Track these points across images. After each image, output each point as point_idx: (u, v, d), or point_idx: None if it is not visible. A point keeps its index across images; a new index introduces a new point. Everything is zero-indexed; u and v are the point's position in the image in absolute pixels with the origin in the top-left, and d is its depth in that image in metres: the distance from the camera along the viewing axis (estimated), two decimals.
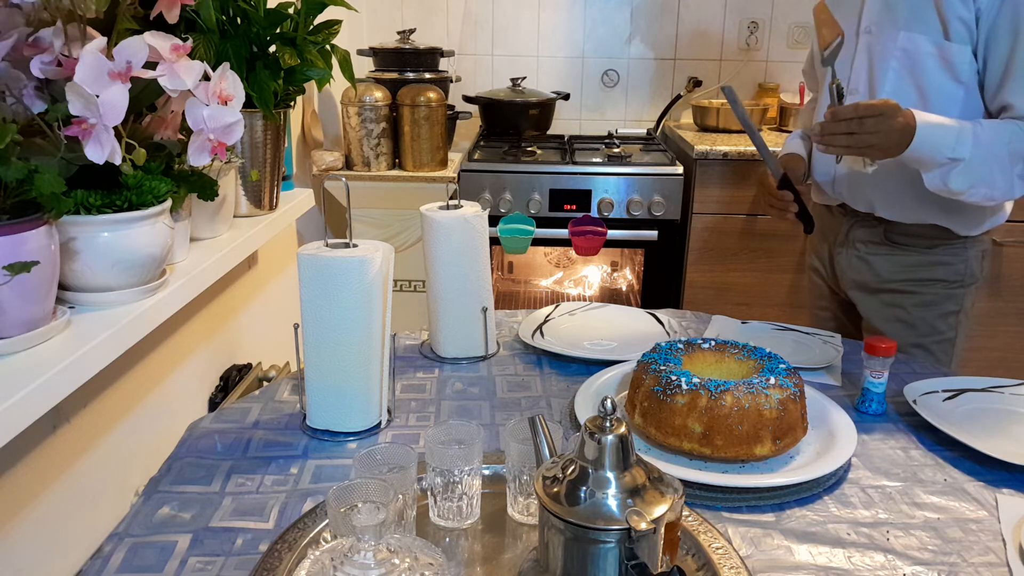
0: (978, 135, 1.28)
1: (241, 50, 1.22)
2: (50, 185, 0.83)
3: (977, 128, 1.29)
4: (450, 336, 1.28)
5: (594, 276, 2.93)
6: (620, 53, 2.93)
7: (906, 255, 1.48)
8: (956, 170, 1.28)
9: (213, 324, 1.55)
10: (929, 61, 1.34)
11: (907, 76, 1.37)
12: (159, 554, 0.81)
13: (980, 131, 1.29)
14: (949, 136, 1.27)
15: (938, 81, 1.35)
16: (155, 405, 1.31)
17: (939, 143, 1.27)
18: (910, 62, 1.36)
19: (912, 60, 1.36)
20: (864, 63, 1.42)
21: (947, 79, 1.34)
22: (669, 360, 1.02)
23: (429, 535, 0.85)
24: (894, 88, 1.38)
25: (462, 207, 1.25)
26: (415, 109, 2.31)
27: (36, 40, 0.92)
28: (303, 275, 1.00)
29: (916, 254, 1.47)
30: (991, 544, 0.85)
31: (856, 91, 1.43)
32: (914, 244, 1.47)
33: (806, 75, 1.72)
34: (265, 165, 1.40)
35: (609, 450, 0.68)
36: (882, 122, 1.25)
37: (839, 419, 1.04)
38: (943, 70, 1.34)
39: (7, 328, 0.84)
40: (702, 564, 0.79)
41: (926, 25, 1.33)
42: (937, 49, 1.33)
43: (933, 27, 1.33)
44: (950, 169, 1.28)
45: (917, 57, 1.35)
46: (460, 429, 0.89)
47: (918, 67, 1.35)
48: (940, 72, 1.34)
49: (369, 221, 2.36)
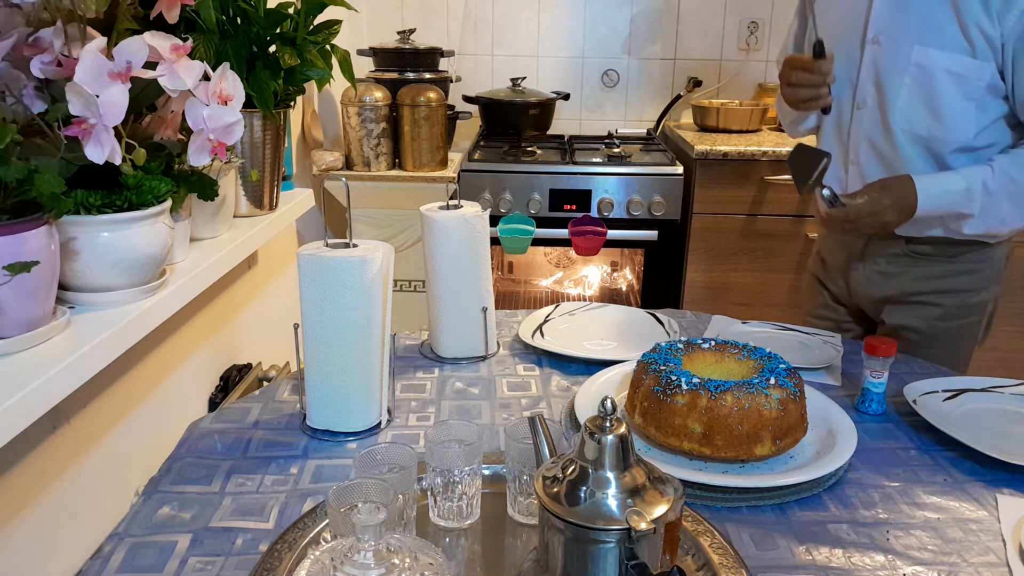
0: (987, 185, 1.27)
1: (241, 50, 1.22)
2: (50, 185, 0.83)
3: (987, 177, 1.27)
4: (450, 336, 1.28)
5: (594, 276, 2.93)
6: (620, 53, 2.93)
7: (929, 265, 1.42)
8: (967, 222, 1.31)
9: (213, 324, 1.55)
10: (944, 78, 1.27)
11: (920, 93, 1.30)
12: (159, 554, 0.81)
13: (990, 179, 1.27)
14: (956, 198, 1.28)
15: (951, 99, 1.28)
16: (155, 405, 1.31)
17: (945, 207, 1.29)
18: (925, 78, 1.28)
19: (927, 76, 1.28)
20: (870, 76, 1.35)
21: (960, 97, 1.27)
22: (669, 360, 1.02)
23: (429, 535, 0.85)
24: (906, 106, 1.31)
25: (462, 207, 1.25)
26: (415, 109, 2.31)
27: (36, 40, 0.92)
28: (303, 275, 1.00)
29: (940, 263, 1.41)
30: (991, 544, 0.85)
31: (864, 104, 1.37)
32: (938, 255, 1.41)
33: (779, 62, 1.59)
34: (265, 165, 1.40)
35: (609, 450, 0.68)
36: (876, 219, 1.28)
37: (839, 419, 1.04)
38: (957, 87, 1.27)
39: (7, 328, 0.84)
40: (702, 564, 0.79)
41: (943, 38, 1.26)
42: (954, 64, 1.26)
43: (952, 41, 1.25)
44: (961, 224, 1.31)
45: (932, 73, 1.27)
46: (460, 429, 0.89)
47: (932, 84, 1.28)
48: (954, 90, 1.27)
49: (369, 221, 2.36)
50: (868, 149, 1.39)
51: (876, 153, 1.38)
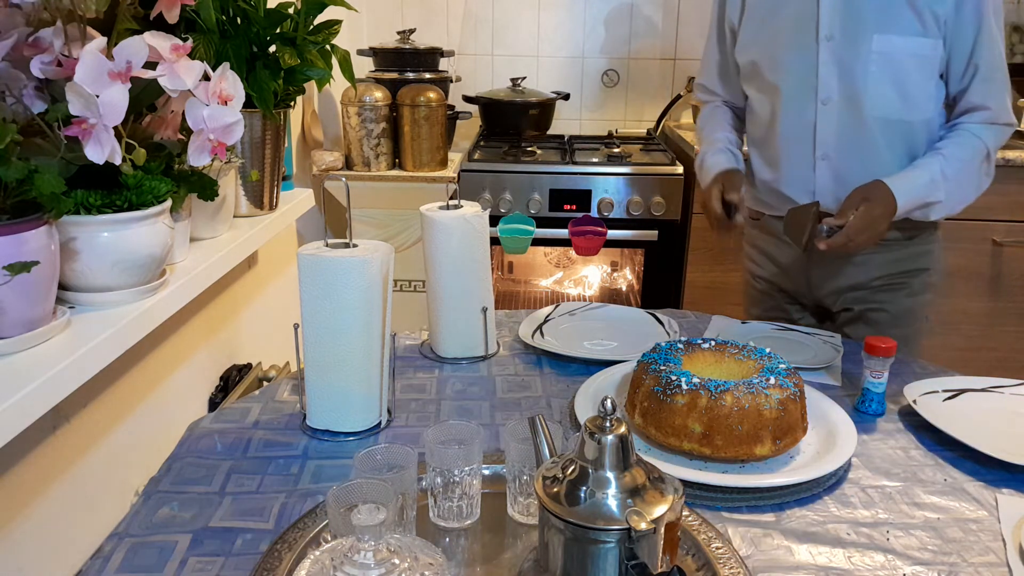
0: (946, 172, 1.35)
1: (241, 50, 1.22)
2: (50, 185, 0.83)
3: (944, 166, 1.35)
4: (450, 336, 1.28)
5: (594, 276, 2.93)
6: (620, 53, 2.93)
7: (895, 249, 1.47)
8: (934, 208, 1.38)
9: (213, 324, 1.55)
10: (908, 61, 1.33)
11: (887, 79, 1.35)
12: (159, 554, 0.81)
13: (948, 166, 1.35)
14: (925, 190, 1.35)
15: (917, 79, 1.35)
16: (155, 405, 1.31)
17: (919, 201, 1.35)
18: (889, 64, 1.34)
19: (890, 62, 1.34)
20: (832, 71, 1.37)
21: (926, 76, 1.35)
22: (669, 360, 1.02)
23: (429, 535, 0.85)
24: (876, 93, 1.36)
25: (462, 207, 1.25)
26: (415, 109, 2.31)
27: (36, 40, 0.92)
28: (303, 275, 1.00)
29: (903, 246, 1.47)
30: (991, 544, 0.85)
31: (830, 99, 1.39)
32: (901, 238, 1.46)
33: (702, 88, 1.65)
34: (265, 165, 1.40)
35: (609, 450, 0.68)
36: (873, 231, 1.31)
37: (839, 419, 1.04)
38: (921, 68, 1.34)
39: (7, 328, 0.84)
40: (702, 564, 0.79)
41: (900, 23, 1.32)
42: (915, 46, 1.32)
43: (908, 24, 1.31)
44: (930, 211, 1.39)
45: (895, 57, 1.33)
46: (460, 429, 0.89)
47: (898, 68, 1.34)
48: (919, 70, 1.34)
49: (369, 221, 2.36)
50: (839, 142, 1.41)
51: (847, 145, 1.41)
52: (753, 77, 1.50)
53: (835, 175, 1.43)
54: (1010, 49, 2.80)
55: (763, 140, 1.52)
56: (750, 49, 1.48)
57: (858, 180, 1.37)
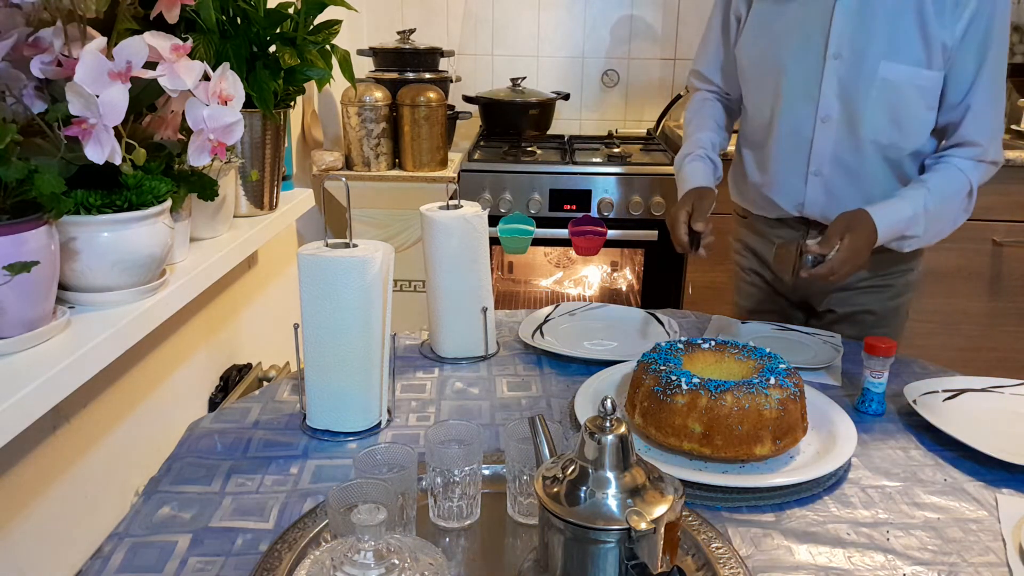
0: (928, 208, 1.34)
1: (241, 50, 1.22)
2: (50, 185, 0.83)
3: (927, 199, 1.33)
4: (450, 336, 1.28)
5: (594, 276, 2.93)
6: (620, 53, 2.93)
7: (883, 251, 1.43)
8: (910, 242, 1.39)
9: (213, 324, 1.55)
10: (910, 90, 1.31)
11: (886, 105, 1.34)
12: (159, 554, 0.81)
13: (931, 201, 1.34)
14: (906, 225, 1.34)
15: (915, 110, 1.34)
16: (155, 405, 1.31)
17: (898, 234, 1.35)
18: (891, 92, 1.32)
19: (893, 89, 1.32)
20: (833, 89, 1.36)
21: (922, 107, 1.33)
22: (669, 360, 1.02)
23: (429, 535, 0.85)
24: (874, 117, 1.35)
25: (462, 207, 1.25)
26: (415, 109, 2.31)
27: (36, 40, 0.92)
28: (303, 275, 1.00)
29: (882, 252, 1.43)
30: (991, 544, 0.85)
31: (829, 118, 1.38)
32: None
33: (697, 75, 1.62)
34: (265, 165, 1.40)
35: (609, 450, 0.68)
36: (856, 262, 1.29)
37: (839, 419, 1.04)
38: (920, 99, 1.32)
39: (7, 328, 0.84)
40: (702, 564, 0.79)
41: (908, 53, 1.29)
42: (918, 78, 1.30)
43: (915, 55, 1.29)
44: (904, 243, 1.39)
45: (898, 86, 1.31)
46: (460, 429, 0.89)
47: (899, 96, 1.32)
48: (917, 101, 1.33)
49: (369, 221, 2.36)
50: (832, 160, 1.41)
51: (841, 164, 1.41)
52: (753, 76, 1.48)
53: (826, 190, 1.43)
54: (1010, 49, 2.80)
55: (757, 143, 1.51)
56: (753, 46, 1.45)
57: (848, 197, 1.38)
